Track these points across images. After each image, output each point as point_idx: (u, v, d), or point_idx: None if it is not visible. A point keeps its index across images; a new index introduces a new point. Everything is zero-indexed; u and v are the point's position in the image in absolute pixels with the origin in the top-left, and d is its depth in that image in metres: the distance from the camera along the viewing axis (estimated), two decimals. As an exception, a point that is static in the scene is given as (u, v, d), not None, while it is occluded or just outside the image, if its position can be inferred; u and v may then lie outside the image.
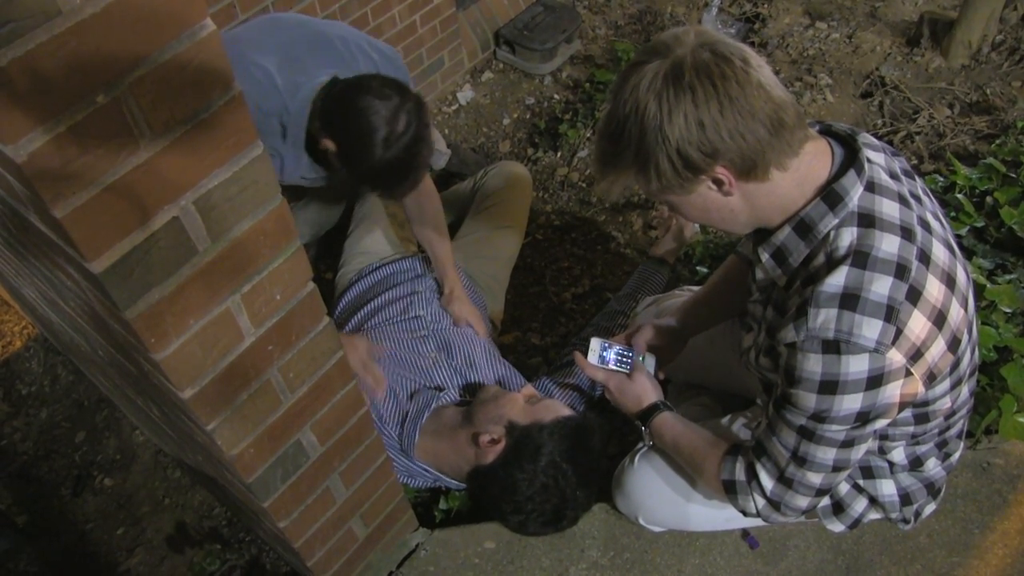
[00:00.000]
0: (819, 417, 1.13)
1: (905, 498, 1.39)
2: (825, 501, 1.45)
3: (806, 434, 1.17)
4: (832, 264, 1.09)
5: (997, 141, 2.38)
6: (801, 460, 1.20)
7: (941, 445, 1.36)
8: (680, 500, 1.50)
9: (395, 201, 1.70)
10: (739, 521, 1.55)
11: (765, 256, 1.19)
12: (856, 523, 1.44)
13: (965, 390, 1.27)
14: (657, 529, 1.58)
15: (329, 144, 1.65)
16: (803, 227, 1.13)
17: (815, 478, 1.21)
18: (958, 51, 2.73)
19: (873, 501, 1.41)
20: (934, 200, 1.25)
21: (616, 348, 1.58)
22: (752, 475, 1.27)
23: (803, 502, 1.25)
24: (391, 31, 2.59)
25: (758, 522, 1.55)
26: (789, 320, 1.12)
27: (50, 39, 0.63)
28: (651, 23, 3.13)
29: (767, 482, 1.25)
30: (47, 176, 0.68)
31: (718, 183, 1.09)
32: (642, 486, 1.53)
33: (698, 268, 2.16)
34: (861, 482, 1.40)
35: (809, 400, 1.12)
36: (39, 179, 0.68)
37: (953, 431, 1.34)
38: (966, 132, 2.51)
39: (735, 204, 1.13)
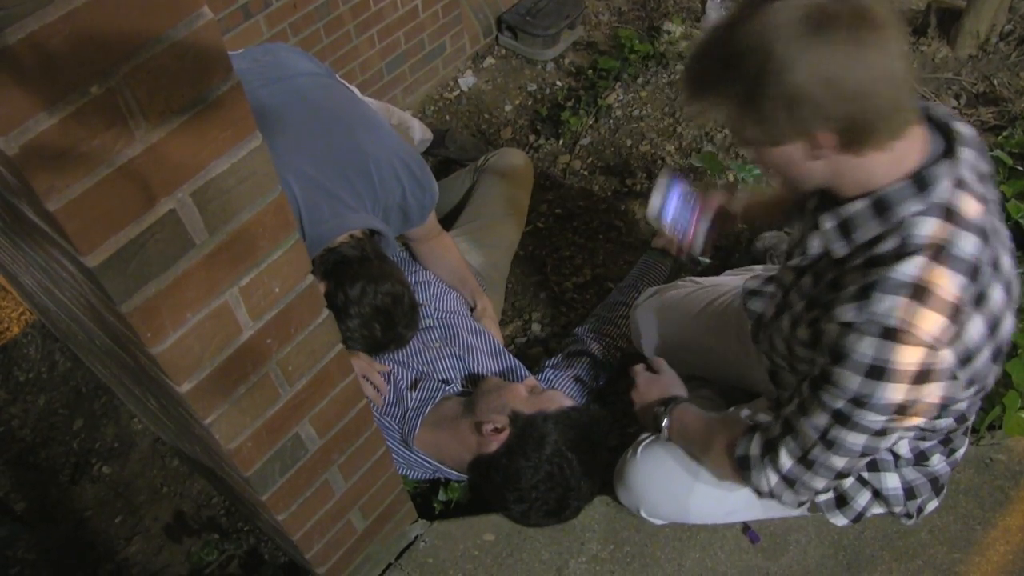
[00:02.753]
0: (858, 402, 1.09)
1: (909, 492, 1.38)
2: (829, 494, 1.44)
3: (841, 419, 1.13)
4: (906, 251, 1.05)
5: (1004, 133, 2.36)
6: (829, 443, 1.16)
7: (946, 441, 1.35)
8: (682, 492, 1.49)
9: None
10: (741, 515, 1.54)
11: (828, 224, 1.14)
12: (859, 517, 1.43)
13: (980, 395, 1.26)
14: (658, 522, 1.57)
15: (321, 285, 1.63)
16: (881, 205, 1.08)
17: (839, 462, 1.18)
18: (966, 41, 2.70)
19: (877, 494, 1.40)
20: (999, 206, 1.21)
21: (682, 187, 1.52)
22: (769, 451, 1.24)
23: (820, 484, 1.22)
24: (392, 16, 2.56)
25: (757, 516, 1.55)
26: (849, 299, 1.08)
27: (42, 27, 0.61)
28: (654, 10, 3.09)
29: (786, 461, 1.22)
30: (40, 169, 0.66)
31: (815, 145, 1.03)
32: (644, 478, 1.52)
33: (700, 258, 2.14)
34: (865, 475, 1.40)
35: (853, 382, 1.08)
36: (31, 172, 0.66)
37: (960, 429, 1.33)
38: (972, 123, 2.49)
39: (817, 169, 1.08)
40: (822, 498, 1.45)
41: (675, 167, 1.57)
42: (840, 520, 1.46)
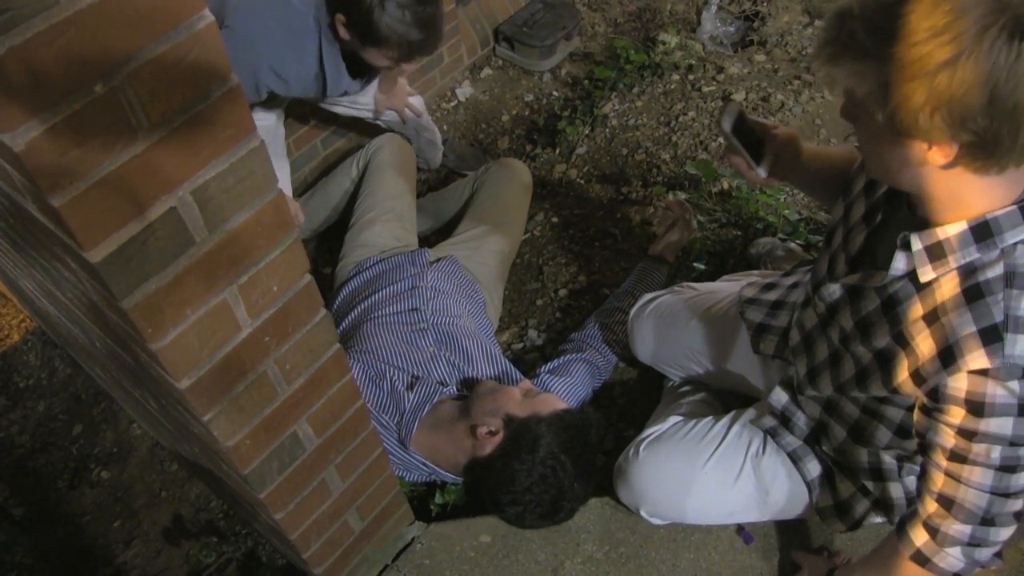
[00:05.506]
0: (1017, 442, 1.03)
1: (912, 501, 1.38)
2: (828, 502, 1.45)
3: (1007, 467, 1.06)
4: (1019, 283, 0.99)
5: None
6: (1005, 492, 1.09)
7: None
8: (684, 492, 1.50)
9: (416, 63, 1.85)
10: (743, 515, 1.55)
11: (918, 246, 1.06)
12: (856, 524, 1.44)
13: None
14: (657, 521, 1.58)
15: (341, 21, 1.74)
16: (983, 231, 1.00)
17: (1017, 504, 1.11)
18: None
19: (877, 503, 1.41)
20: None
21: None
22: (936, 533, 1.16)
23: (1006, 534, 1.14)
24: (390, 27, 2.59)
25: (759, 517, 1.55)
26: (973, 346, 1.00)
27: (48, 28, 0.63)
28: (650, 20, 3.13)
29: (963, 529, 1.13)
30: (45, 165, 0.69)
31: (933, 153, 0.95)
32: (646, 476, 1.53)
33: (695, 264, 2.17)
34: (869, 485, 1.39)
35: (1006, 426, 1.02)
36: (37, 168, 0.68)
37: None
38: None
39: (922, 176, 0.99)
40: (822, 505, 1.46)
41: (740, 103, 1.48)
42: (838, 527, 1.46)
